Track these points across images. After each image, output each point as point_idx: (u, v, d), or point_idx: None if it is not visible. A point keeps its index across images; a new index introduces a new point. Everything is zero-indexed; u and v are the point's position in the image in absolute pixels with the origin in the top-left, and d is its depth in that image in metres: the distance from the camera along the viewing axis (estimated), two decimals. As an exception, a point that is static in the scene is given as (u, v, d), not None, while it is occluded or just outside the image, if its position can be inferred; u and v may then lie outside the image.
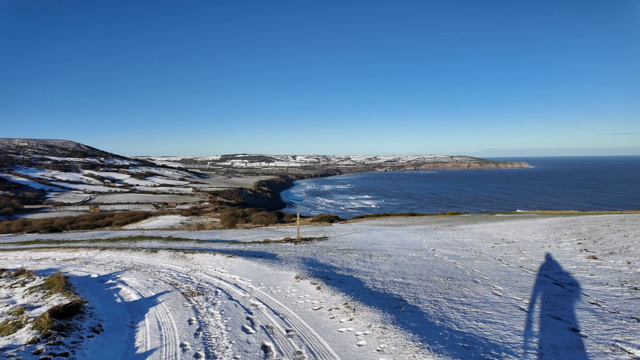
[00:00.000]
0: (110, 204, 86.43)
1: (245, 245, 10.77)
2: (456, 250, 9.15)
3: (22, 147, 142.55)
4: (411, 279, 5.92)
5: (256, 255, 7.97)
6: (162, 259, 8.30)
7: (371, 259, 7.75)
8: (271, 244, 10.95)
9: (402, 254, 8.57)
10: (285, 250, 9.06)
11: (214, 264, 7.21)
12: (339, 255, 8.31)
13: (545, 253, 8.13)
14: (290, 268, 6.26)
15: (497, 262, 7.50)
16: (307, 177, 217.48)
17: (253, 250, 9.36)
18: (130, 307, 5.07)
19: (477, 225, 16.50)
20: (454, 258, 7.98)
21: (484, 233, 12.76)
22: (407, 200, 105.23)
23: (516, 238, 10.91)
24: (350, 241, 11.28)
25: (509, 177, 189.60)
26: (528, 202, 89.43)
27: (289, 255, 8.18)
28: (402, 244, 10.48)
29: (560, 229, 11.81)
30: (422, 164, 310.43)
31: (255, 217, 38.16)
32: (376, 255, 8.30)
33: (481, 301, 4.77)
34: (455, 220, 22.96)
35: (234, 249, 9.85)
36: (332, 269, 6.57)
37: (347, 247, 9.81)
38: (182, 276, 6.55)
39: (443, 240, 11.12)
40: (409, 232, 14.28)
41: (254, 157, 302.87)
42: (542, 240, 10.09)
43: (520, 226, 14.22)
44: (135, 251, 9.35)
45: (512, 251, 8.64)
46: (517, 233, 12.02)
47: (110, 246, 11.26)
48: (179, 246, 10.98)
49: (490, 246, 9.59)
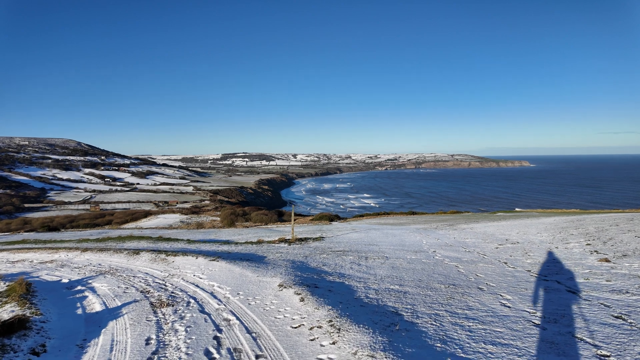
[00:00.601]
0: (110, 202, 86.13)
1: (237, 245, 10.18)
2: (458, 251, 8.55)
3: (23, 146, 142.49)
4: (409, 286, 5.31)
5: (243, 258, 7.37)
6: (143, 261, 7.73)
7: (367, 262, 7.15)
8: (264, 244, 10.36)
9: (400, 256, 7.97)
10: (276, 252, 8.47)
11: (194, 268, 6.62)
12: (332, 257, 7.72)
13: (554, 255, 7.52)
14: (275, 274, 5.66)
15: (503, 266, 6.86)
16: (307, 175, 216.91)
17: (242, 251, 8.77)
18: (89, 320, 4.48)
19: (479, 224, 15.86)
20: (456, 261, 7.38)
21: (486, 233, 12.14)
22: (407, 199, 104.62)
23: (520, 238, 10.29)
24: (346, 242, 10.69)
25: (509, 176, 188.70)
26: (528, 200, 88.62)
27: (279, 257, 7.59)
28: (401, 244, 9.89)
29: (566, 229, 11.17)
30: (422, 162, 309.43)
31: (255, 216, 37.67)
32: (372, 257, 7.71)
33: (488, 314, 4.15)
34: (456, 219, 22.31)
35: (222, 250, 9.26)
36: (323, 274, 5.97)
37: (343, 248, 9.21)
38: (157, 282, 5.96)
39: (444, 241, 10.52)
40: (409, 231, 13.67)
41: (255, 155, 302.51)
42: (548, 240, 9.48)
43: (523, 225, 13.60)
44: (117, 253, 8.78)
45: (517, 253, 8.03)
46: (521, 233, 11.40)
47: (94, 247, 10.69)
48: (165, 247, 10.40)
49: (494, 247, 8.99)
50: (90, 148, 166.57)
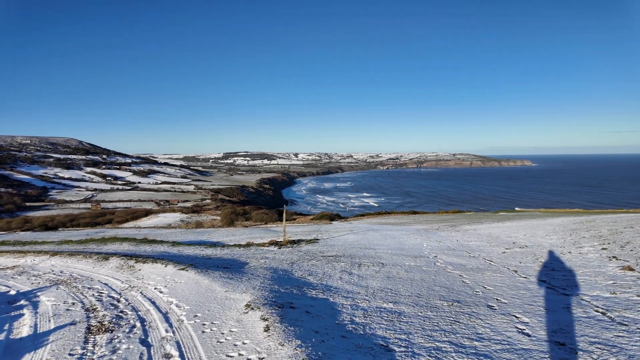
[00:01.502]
0: (112, 201, 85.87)
1: (223, 249, 9.33)
2: (462, 257, 7.71)
3: (25, 145, 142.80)
4: (405, 304, 4.41)
5: (220, 266, 6.51)
6: (108, 269, 6.91)
7: (359, 271, 6.30)
8: (252, 247, 9.50)
9: (398, 262, 7.12)
10: (261, 258, 7.61)
11: (159, 279, 5.76)
12: (322, 264, 6.87)
13: (568, 262, 6.63)
14: (247, 288, 4.78)
15: (513, 275, 5.95)
16: (309, 174, 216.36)
17: (225, 257, 7.91)
18: (8, 349, 3.63)
19: (482, 225, 15.02)
20: (459, 268, 6.51)
21: (491, 235, 11.34)
22: (407, 198, 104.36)
23: (528, 242, 9.45)
24: (341, 245, 9.88)
25: (510, 176, 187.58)
26: (529, 200, 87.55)
27: (262, 265, 6.72)
28: (399, 248, 9.05)
29: (576, 231, 10.35)
30: (424, 161, 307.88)
31: (256, 215, 36.92)
32: (367, 264, 6.87)
33: (504, 347, 3.24)
34: (458, 219, 21.48)
35: (203, 255, 8.41)
36: (306, 287, 5.09)
37: (336, 252, 8.39)
38: (111, 297, 5.11)
39: (446, 244, 9.69)
40: (409, 233, 12.88)
41: (256, 155, 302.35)
42: (558, 244, 8.66)
43: (530, 227, 12.79)
44: (86, 258, 7.96)
45: (527, 259, 7.17)
46: (529, 235, 10.59)
47: (68, 251, 9.88)
48: (144, 251, 9.57)
49: (501, 252, 8.14)
50: (92, 147, 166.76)
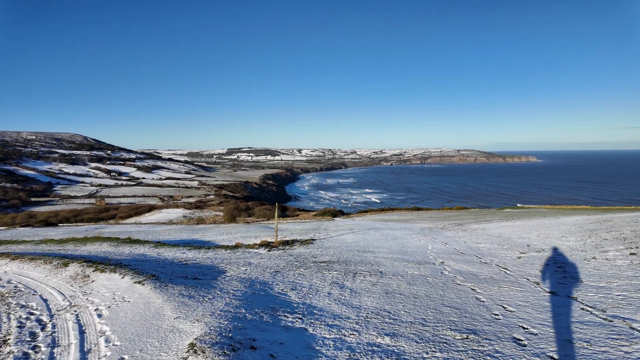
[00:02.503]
0: (116, 197, 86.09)
1: (207, 251, 8.58)
2: (472, 263, 6.93)
3: (30, 140, 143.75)
4: (406, 337, 3.41)
5: (190, 277, 5.74)
6: (61, 278, 6.23)
7: (354, 282, 5.53)
8: (240, 249, 8.76)
9: (399, 270, 6.37)
10: (243, 264, 6.84)
11: (107, 295, 5.03)
12: (311, 274, 6.09)
13: (596, 271, 5.79)
14: (204, 314, 3.88)
15: (536, 290, 5.07)
16: (312, 170, 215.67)
17: (202, 262, 7.16)
18: None
19: (491, 224, 14.12)
20: (471, 279, 5.72)
21: (501, 236, 10.54)
22: (410, 195, 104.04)
23: (544, 244, 8.64)
24: (338, 246, 9.19)
25: (515, 172, 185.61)
26: (532, 197, 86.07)
27: (240, 275, 5.91)
28: (401, 252, 8.32)
29: (595, 232, 9.50)
30: (428, 157, 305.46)
31: (258, 211, 36.28)
32: (363, 273, 6.12)
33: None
34: (462, 216, 20.59)
35: (182, 259, 7.69)
36: (281, 311, 4.16)
37: (330, 257, 7.66)
38: (39, 320, 4.41)
39: (453, 246, 8.91)
40: (412, 232, 12.15)
41: (260, 150, 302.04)
42: (578, 247, 7.82)
43: (542, 227, 11.89)
44: (46, 263, 7.28)
45: (547, 266, 6.40)
46: (543, 236, 9.75)
47: (32, 253, 9.28)
48: (120, 253, 8.88)
49: (516, 257, 7.35)
50: (97, 143, 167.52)
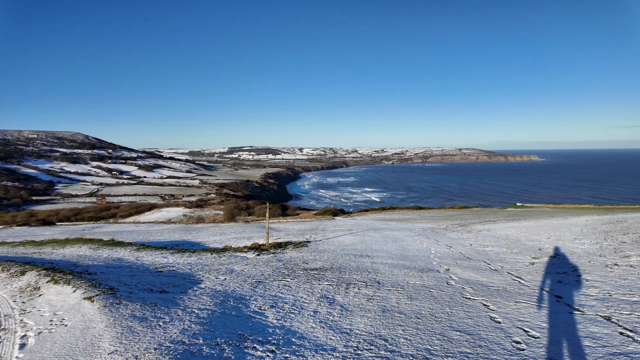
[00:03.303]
0: (117, 195, 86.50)
1: (190, 256, 8.02)
2: (480, 270, 6.27)
3: (32, 139, 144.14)
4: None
5: (156, 289, 5.15)
6: (9, 290, 5.78)
7: (346, 296, 4.81)
8: (226, 254, 8.11)
9: (399, 279, 5.75)
10: (224, 273, 6.18)
11: (47, 315, 4.49)
12: (297, 285, 5.38)
13: (623, 281, 5.13)
14: (149, 346, 3.25)
15: (559, 306, 4.23)
16: (313, 169, 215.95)
17: (179, 270, 6.60)
18: None
19: (496, 225, 13.39)
20: (481, 291, 5.01)
21: (509, 237, 9.92)
22: (411, 193, 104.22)
23: (558, 247, 8.01)
24: (334, 250, 8.62)
25: (517, 171, 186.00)
26: (533, 196, 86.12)
27: (215, 287, 5.17)
28: (402, 256, 7.75)
29: (610, 234, 8.85)
30: (429, 156, 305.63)
31: (259, 210, 36.88)
32: (358, 284, 5.48)
33: None
34: (465, 215, 20.26)
35: (156, 265, 7.19)
36: (250, 340, 3.32)
37: (323, 262, 7.01)
38: None
39: (458, 250, 8.33)
40: (414, 233, 11.60)
41: (261, 149, 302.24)
42: (596, 252, 7.15)
43: (552, 228, 11.22)
44: (3, 271, 6.83)
45: (567, 276, 5.59)
46: (554, 239, 9.12)
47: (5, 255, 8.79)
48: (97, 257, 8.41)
49: (529, 263, 6.73)
50: (98, 141, 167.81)
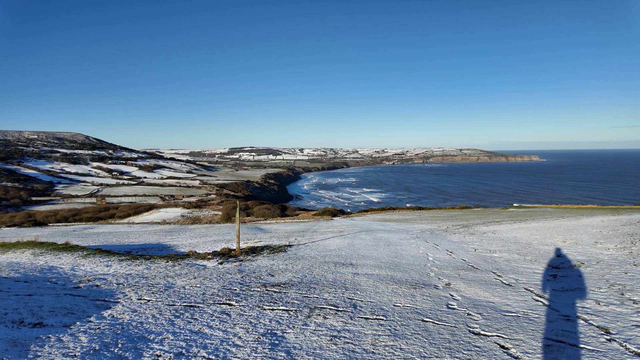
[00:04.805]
0: (117, 196, 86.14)
1: (140, 264, 6.86)
2: (489, 285, 4.94)
3: (32, 140, 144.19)
4: None
5: (28, 322, 3.46)
6: None
7: (300, 333, 3.09)
8: (183, 261, 6.86)
9: (383, 301, 4.25)
10: (155, 291, 4.55)
11: None
12: (240, 312, 3.61)
13: None
14: None
15: (610, 348, 2.80)
16: (314, 170, 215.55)
17: (100, 287, 5.55)
18: None
19: (502, 226, 12.14)
20: (495, 321, 3.43)
21: (518, 241, 8.69)
22: (412, 194, 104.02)
23: (578, 253, 6.77)
24: (314, 256, 7.41)
25: (518, 171, 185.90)
26: (535, 196, 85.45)
27: (111, 322, 3.48)
28: (393, 264, 6.51)
29: (635, 237, 7.77)
30: (430, 157, 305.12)
31: (258, 211, 36.33)
32: (326, 308, 3.80)
33: None
34: (467, 216, 19.30)
35: (85, 278, 6.38)
36: None
37: (292, 275, 5.64)
38: None
39: (460, 256, 7.08)
40: (410, 236, 10.39)
41: (262, 150, 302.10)
42: (625, 259, 6.02)
43: (566, 230, 9.95)
44: None
45: (604, 294, 4.30)
46: (571, 242, 7.88)
47: None
48: (31, 267, 7.32)
49: (550, 275, 5.38)
50: (99, 142, 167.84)
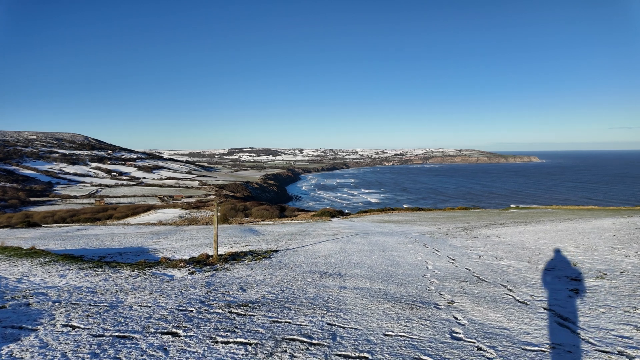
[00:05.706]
0: (116, 196, 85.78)
1: (102, 273, 6.19)
2: (500, 303, 4.16)
3: (31, 140, 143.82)
4: None
5: None
6: None
7: None
8: (147, 271, 6.04)
9: (370, 329, 3.41)
10: (93, 314, 3.68)
11: None
12: (179, 349, 2.77)
13: None
14: None
15: None
16: (313, 170, 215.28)
17: (32, 305, 5.26)
18: None
19: (506, 229, 11.33)
20: (510, 356, 2.70)
21: (526, 246, 7.90)
22: (411, 195, 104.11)
23: (595, 260, 5.98)
24: (300, 263, 6.67)
25: (518, 172, 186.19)
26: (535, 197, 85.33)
27: None
28: (387, 275, 5.72)
29: None
30: (430, 157, 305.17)
31: (256, 211, 36.03)
32: (295, 342, 2.94)
33: None
34: (467, 217, 18.67)
35: (24, 292, 5.84)
36: None
37: (267, 290, 4.77)
38: None
39: (464, 265, 6.30)
40: (408, 240, 9.64)
41: (261, 150, 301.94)
42: None
43: (576, 233, 9.19)
44: None
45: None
46: (585, 248, 7.12)
47: None
48: None
49: (571, 289, 4.58)
50: (98, 142, 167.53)
